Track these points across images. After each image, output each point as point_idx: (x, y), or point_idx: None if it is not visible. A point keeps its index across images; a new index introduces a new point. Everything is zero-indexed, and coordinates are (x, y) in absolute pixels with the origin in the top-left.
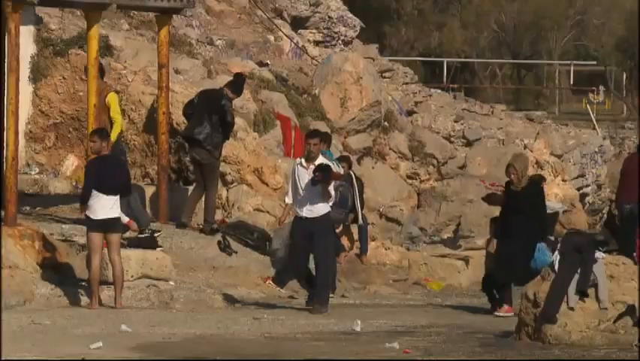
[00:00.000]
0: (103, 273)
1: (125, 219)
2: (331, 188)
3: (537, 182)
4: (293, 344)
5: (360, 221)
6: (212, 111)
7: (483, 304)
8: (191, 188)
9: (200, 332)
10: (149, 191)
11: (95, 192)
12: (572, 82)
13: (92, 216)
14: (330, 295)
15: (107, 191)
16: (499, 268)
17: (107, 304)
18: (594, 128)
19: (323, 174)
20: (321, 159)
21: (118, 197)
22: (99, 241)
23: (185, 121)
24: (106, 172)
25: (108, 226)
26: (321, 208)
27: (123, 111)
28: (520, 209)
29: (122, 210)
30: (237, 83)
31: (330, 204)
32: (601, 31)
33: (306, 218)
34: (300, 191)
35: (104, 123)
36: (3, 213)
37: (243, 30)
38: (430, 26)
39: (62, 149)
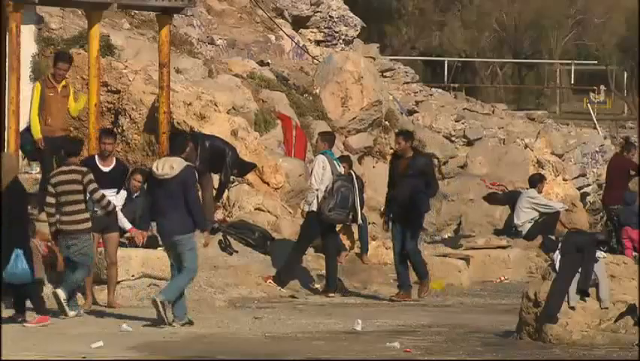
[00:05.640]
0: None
1: (128, 225)
2: None
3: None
4: (294, 343)
5: (360, 221)
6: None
7: (484, 304)
8: None
9: (201, 332)
10: None
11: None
12: (572, 81)
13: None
14: (331, 294)
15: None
16: None
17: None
18: (595, 128)
19: None
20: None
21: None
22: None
23: (187, 121)
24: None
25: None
26: None
27: (124, 111)
28: None
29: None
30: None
31: None
32: (602, 30)
33: None
34: None
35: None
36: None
37: (244, 29)
38: (431, 26)
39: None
